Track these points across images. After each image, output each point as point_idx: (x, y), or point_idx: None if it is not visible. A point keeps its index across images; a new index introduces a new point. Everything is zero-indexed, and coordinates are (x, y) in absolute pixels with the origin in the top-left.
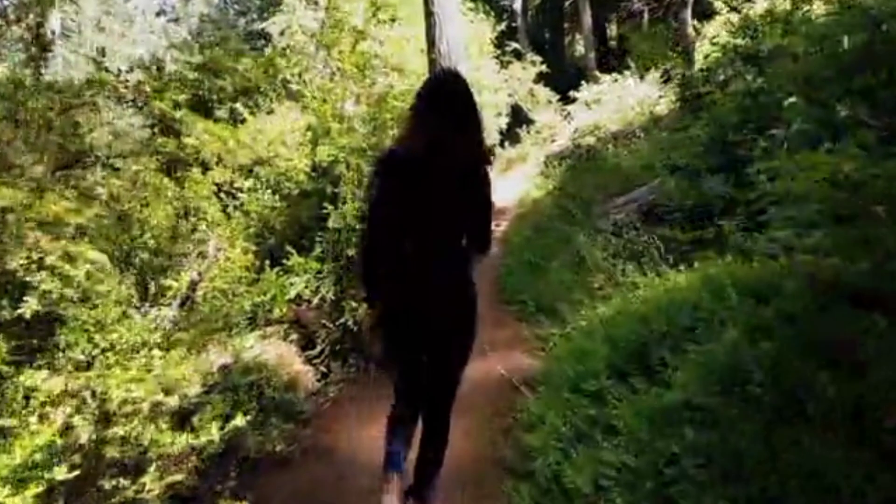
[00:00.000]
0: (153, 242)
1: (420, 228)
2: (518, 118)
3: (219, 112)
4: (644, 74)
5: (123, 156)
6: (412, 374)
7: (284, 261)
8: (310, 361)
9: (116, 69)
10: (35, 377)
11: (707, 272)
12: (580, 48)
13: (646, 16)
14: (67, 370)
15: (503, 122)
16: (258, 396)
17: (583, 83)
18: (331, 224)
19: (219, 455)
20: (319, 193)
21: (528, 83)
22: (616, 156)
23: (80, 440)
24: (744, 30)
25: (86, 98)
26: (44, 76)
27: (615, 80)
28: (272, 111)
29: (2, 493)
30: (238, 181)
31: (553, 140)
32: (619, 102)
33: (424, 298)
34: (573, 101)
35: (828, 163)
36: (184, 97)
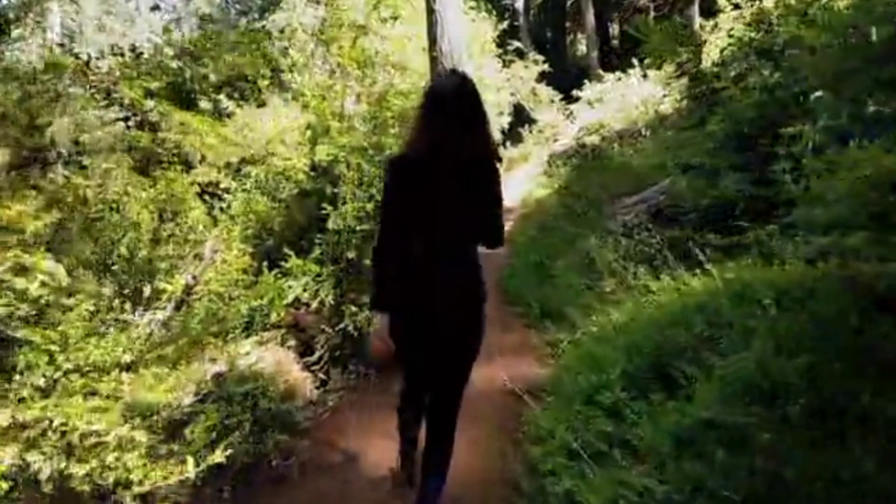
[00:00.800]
0: (126, 251)
1: (430, 229)
2: (520, 117)
3: (202, 104)
4: (656, 68)
5: (92, 152)
6: (419, 375)
7: (282, 263)
8: (308, 368)
9: (86, 54)
10: None
11: (726, 276)
12: (582, 47)
13: (651, 13)
14: (21, 397)
15: (505, 122)
16: (253, 407)
17: (586, 82)
18: (330, 225)
19: (211, 470)
20: (319, 193)
21: (531, 82)
22: (622, 155)
23: (42, 476)
24: (757, 23)
25: (47, 85)
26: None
27: (619, 79)
28: (263, 104)
29: None
30: (225, 181)
31: (556, 139)
32: (623, 101)
33: (432, 299)
34: (576, 101)
35: (868, 159)
36: (158, 84)
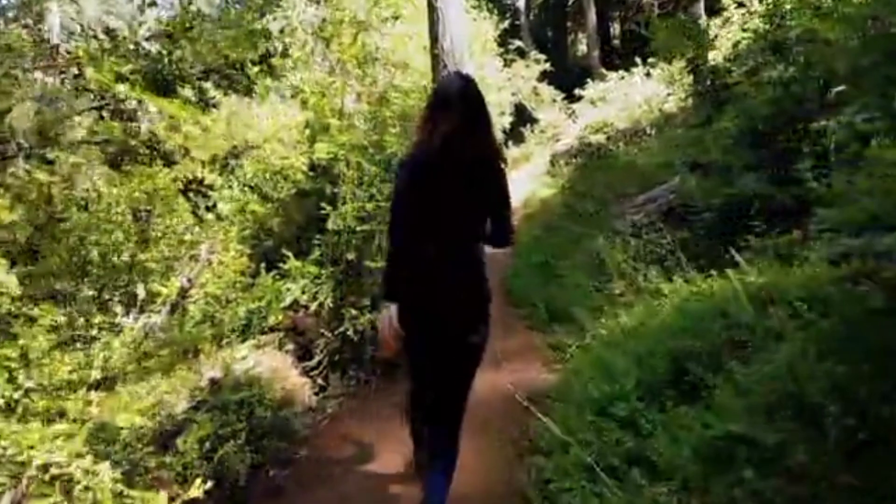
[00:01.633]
0: (98, 255)
1: (438, 229)
2: (522, 117)
3: (185, 91)
4: (667, 64)
5: (58, 145)
6: (425, 375)
7: (281, 264)
8: (307, 373)
9: (55, 38)
10: None
11: (744, 279)
12: (583, 47)
13: (655, 11)
14: None
15: (507, 121)
16: (249, 416)
17: (588, 81)
18: (330, 226)
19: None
20: (318, 193)
21: (532, 81)
22: (627, 154)
23: None
24: (770, 16)
25: (4, 68)
26: None
27: (622, 78)
28: (251, 92)
29: None
30: (210, 177)
31: (558, 139)
32: (626, 100)
33: (438, 298)
34: (578, 100)
35: None
36: (131, 67)
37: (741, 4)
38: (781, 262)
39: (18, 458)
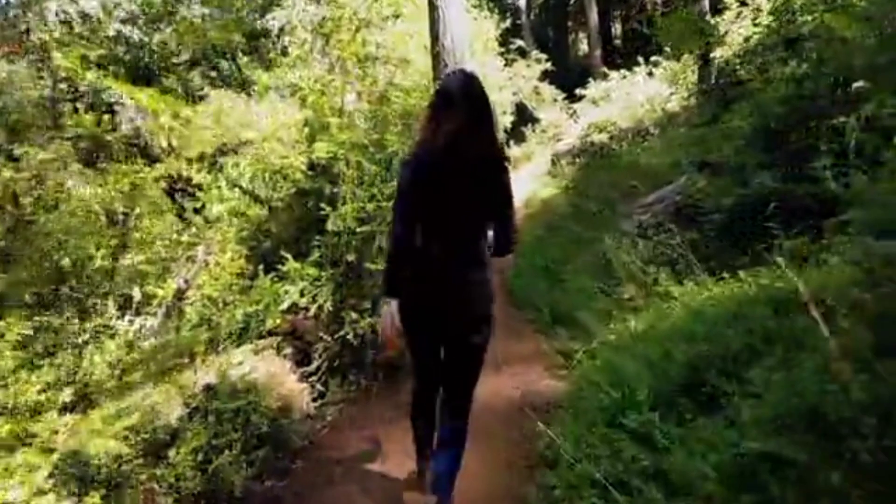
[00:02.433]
0: (70, 262)
1: (443, 227)
2: (523, 117)
3: (167, 81)
4: (675, 60)
5: (26, 141)
6: (429, 375)
7: (279, 266)
8: (305, 378)
9: (24, 23)
10: None
11: (760, 282)
12: (583, 46)
13: (658, 10)
14: None
15: (508, 121)
16: (245, 424)
17: (590, 80)
18: (329, 227)
19: (198, 496)
20: (317, 193)
21: (533, 81)
22: (631, 153)
23: None
24: (781, 12)
25: None
26: None
27: (624, 77)
28: (244, 85)
29: None
30: (197, 176)
31: (559, 139)
32: (628, 99)
33: (443, 297)
34: (579, 100)
35: None
36: (99, 53)
37: (744, 3)
38: (798, 265)
39: None
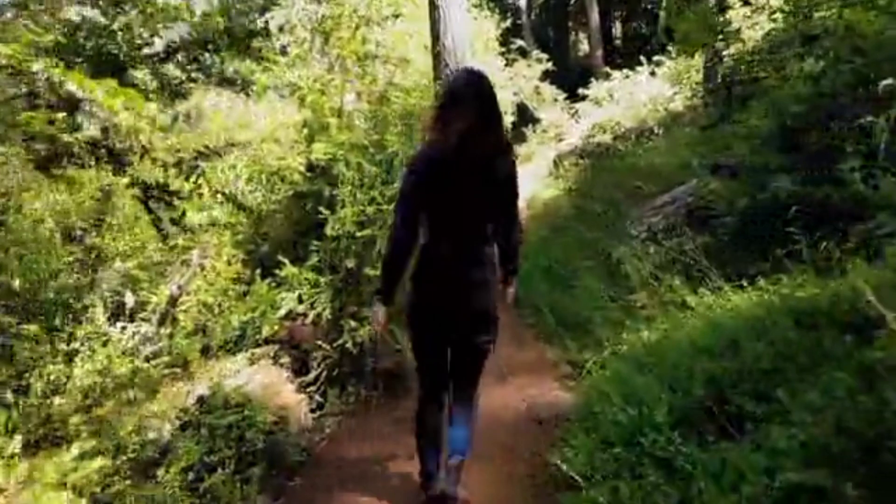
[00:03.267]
0: (21, 282)
1: (452, 227)
2: (524, 117)
3: (139, 74)
4: (689, 57)
5: None
6: (437, 372)
7: (276, 271)
8: (303, 388)
9: None
10: None
11: (782, 291)
12: (584, 46)
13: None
14: None
15: (509, 121)
16: (239, 440)
17: (592, 80)
18: (328, 231)
19: None
20: (316, 195)
21: (534, 81)
22: (635, 154)
23: None
24: (796, 7)
25: None
26: None
27: (626, 77)
28: (225, 79)
29: None
30: (176, 182)
31: (561, 139)
32: (631, 99)
33: (452, 296)
34: (582, 100)
35: None
36: (54, 39)
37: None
38: (821, 273)
39: None
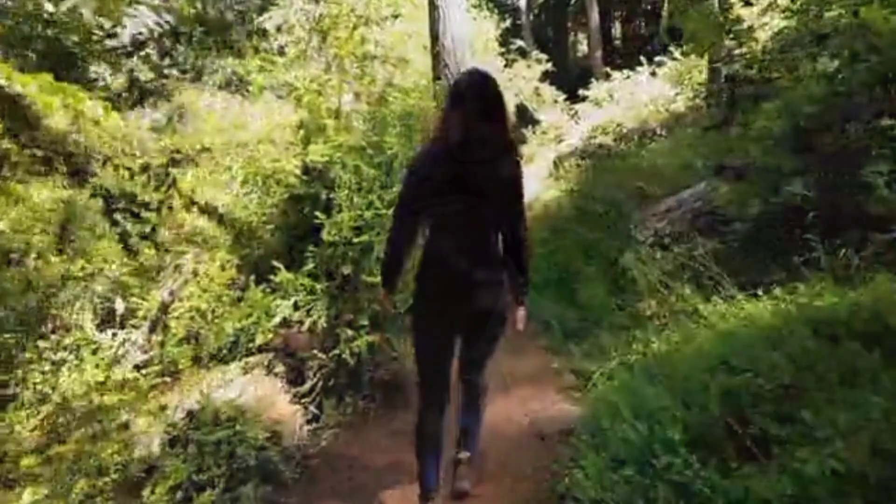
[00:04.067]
0: None
1: (456, 225)
2: (523, 118)
3: (96, 68)
4: (699, 57)
5: None
6: (440, 374)
7: (271, 276)
8: (298, 399)
9: None
10: None
11: (801, 302)
12: (583, 47)
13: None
14: None
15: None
16: (229, 457)
17: (592, 81)
18: (325, 236)
19: None
20: (312, 199)
21: (534, 82)
22: (638, 156)
23: None
24: (806, 6)
25: None
26: None
27: (627, 77)
28: (200, 75)
29: None
30: (144, 192)
31: (560, 140)
32: (632, 100)
33: (457, 296)
34: (582, 100)
35: None
36: None
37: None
38: (840, 282)
39: None
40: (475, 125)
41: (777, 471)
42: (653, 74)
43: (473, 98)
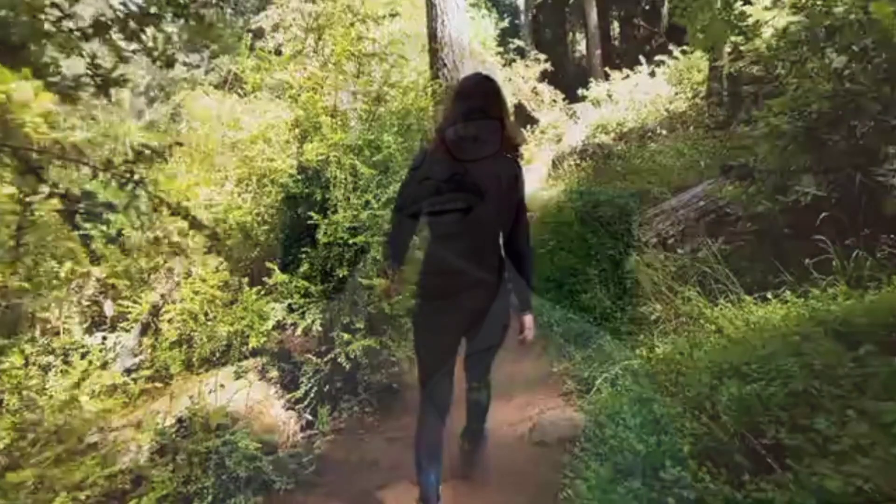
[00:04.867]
0: None
1: (455, 227)
2: (522, 118)
3: (41, 49)
4: (706, 52)
5: None
6: (441, 372)
7: (265, 278)
8: (293, 405)
9: None
10: None
11: (814, 306)
12: (580, 47)
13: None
14: None
15: None
16: (219, 467)
17: (591, 80)
18: (320, 237)
19: None
20: (307, 199)
21: (532, 81)
22: (637, 156)
23: None
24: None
25: None
26: None
27: (626, 77)
28: (172, 63)
29: None
30: (105, 192)
31: (559, 140)
32: (631, 100)
33: (456, 297)
34: (580, 100)
35: None
36: None
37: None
38: (854, 285)
39: None
40: (474, 124)
41: (794, 485)
42: (652, 74)
43: (472, 98)
